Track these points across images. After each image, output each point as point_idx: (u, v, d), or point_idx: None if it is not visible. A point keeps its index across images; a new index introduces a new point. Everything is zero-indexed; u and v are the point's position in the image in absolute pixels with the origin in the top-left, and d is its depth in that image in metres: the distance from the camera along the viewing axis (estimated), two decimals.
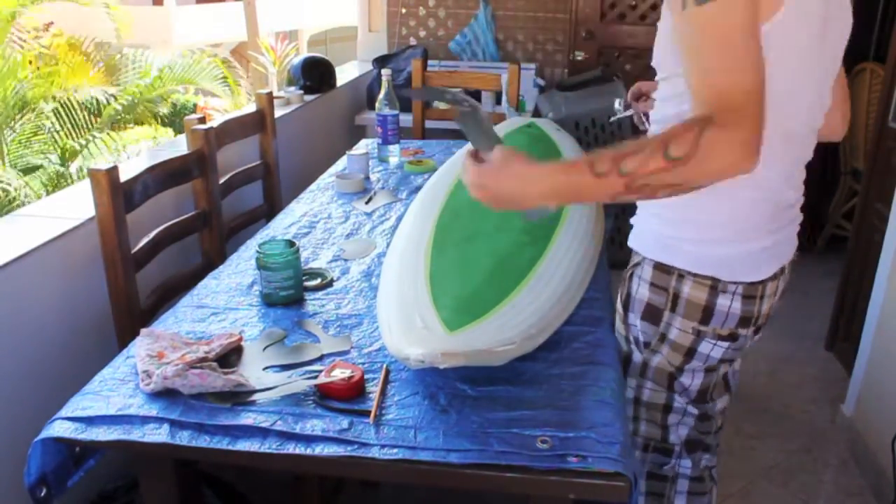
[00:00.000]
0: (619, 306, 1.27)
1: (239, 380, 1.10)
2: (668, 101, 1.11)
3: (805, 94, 1.07)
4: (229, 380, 1.09)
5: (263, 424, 1.03)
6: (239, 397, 1.09)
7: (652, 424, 1.27)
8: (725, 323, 1.16)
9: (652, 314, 1.20)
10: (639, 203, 1.20)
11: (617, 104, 1.60)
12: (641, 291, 1.20)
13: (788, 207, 1.16)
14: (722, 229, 1.12)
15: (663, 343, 1.20)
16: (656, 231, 1.17)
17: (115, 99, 6.80)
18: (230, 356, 1.20)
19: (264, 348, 1.24)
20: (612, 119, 1.66)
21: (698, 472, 1.31)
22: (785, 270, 1.20)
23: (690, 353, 1.19)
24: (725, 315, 1.15)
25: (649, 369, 1.24)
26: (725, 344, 1.19)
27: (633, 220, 1.23)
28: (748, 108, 0.88)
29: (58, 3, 7.12)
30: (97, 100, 6.51)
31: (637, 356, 1.25)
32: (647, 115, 1.40)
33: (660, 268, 1.17)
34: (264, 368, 1.18)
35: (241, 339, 1.24)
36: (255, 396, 1.09)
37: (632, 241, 1.23)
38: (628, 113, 1.53)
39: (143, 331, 1.24)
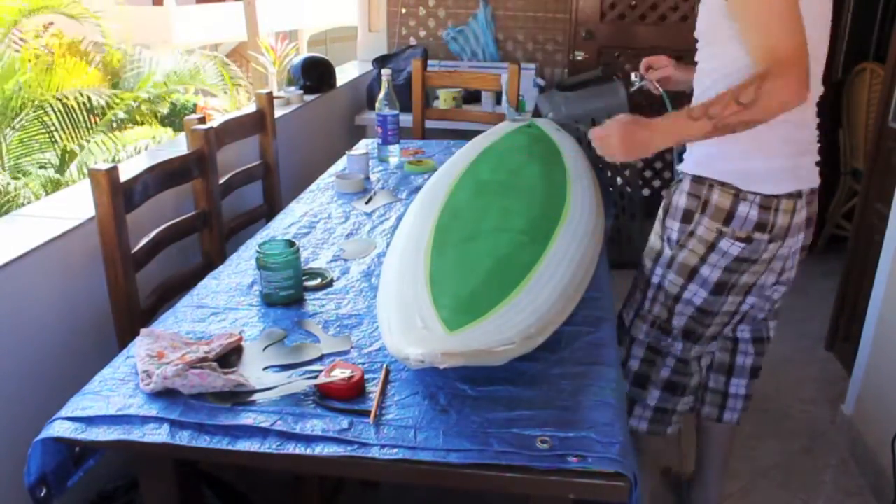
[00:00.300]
0: (659, 213, 1.57)
1: (239, 380, 1.10)
2: (707, 74, 1.44)
3: (820, 38, 1.36)
4: (229, 380, 1.09)
5: (263, 424, 1.03)
6: (239, 397, 1.09)
7: (663, 308, 1.59)
8: (743, 226, 1.43)
9: (686, 216, 1.49)
10: None
11: (633, 76, 1.89)
12: (681, 200, 1.50)
13: (804, 131, 1.44)
14: (744, 146, 1.39)
15: (691, 237, 1.49)
16: (697, 153, 1.47)
17: (116, 104, 6.79)
18: (230, 356, 1.20)
19: (264, 348, 1.24)
20: (632, 89, 1.93)
21: (687, 356, 1.64)
22: (803, 195, 1.46)
23: (711, 246, 1.47)
24: (744, 219, 1.43)
25: (675, 262, 1.53)
26: (741, 245, 1.45)
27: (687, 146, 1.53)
28: (797, 60, 1.22)
29: (53, 8, 7.11)
30: (89, 98, 6.49)
31: (667, 251, 1.54)
32: (659, 81, 1.80)
33: (696, 180, 1.48)
34: (264, 368, 1.18)
35: (240, 339, 1.24)
36: (255, 396, 1.09)
37: (679, 165, 1.54)
38: (644, 83, 1.84)
39: (143, 331, 1.24)
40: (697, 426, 1.86)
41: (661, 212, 1.58)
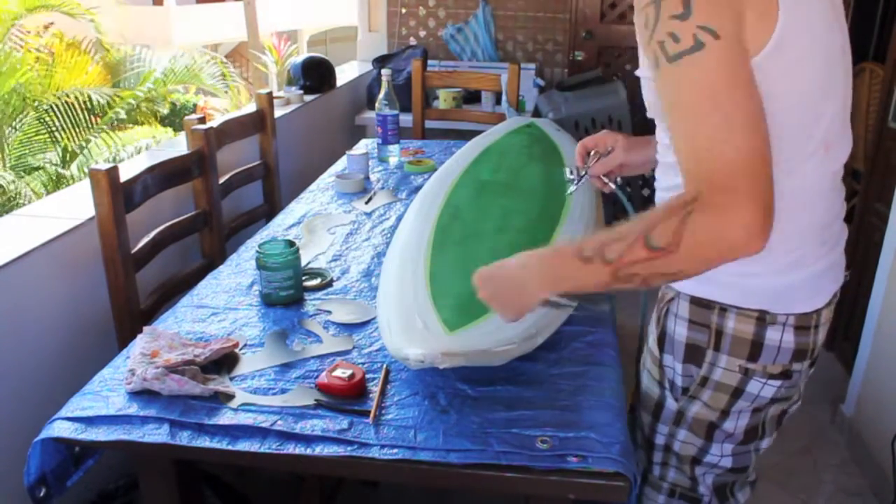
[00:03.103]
0: (652, 346, 1.12)
1: (218, 388, 1.10)
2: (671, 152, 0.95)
3: (837, 92, 0.95)
4: (207, 388, 1.09)
5: (263, 424, 1.03)
6: (238, 397, 1.09)
7: (681, 473, 1.15)
8: (777, 358, 1.02)
9: (694, 355, 1.05)
10: None
11: (568, 172, 1.33)
12: (679, 331, 1.05)
13: (836, 218, 1.03)
14: (771, 260, 0.95)
15: (705, 387, 1.05)
16: None
17: (116, 102, 6.80)
18: (223, 362, 1.19)
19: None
20: (570, 191, 1.33)
21: None
22: (837, 293, 1.07)
23: (737, 393, 1.04)
24: (777, 350, 1.01)
25: (686, 418, 1.09)
26: (777, 382, 1.03)
27: None
28: (740, 182, 0.77)
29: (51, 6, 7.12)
30: (89, 97, 6.50)
31: (671, 403, 1.10)
32: (608, 175, 1.31)
33: (697, 302, 1.02)
34: (256, 390, 1.18)
35: (236, 345, 1.23)
36: (254, 398, 1.09)
37: None
38: (584, 178, 1.32)
39: (146, 328, 1.24)
40: None
41: (652, 343, 1.12)
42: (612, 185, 1.32)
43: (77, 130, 6.41)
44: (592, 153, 1.32)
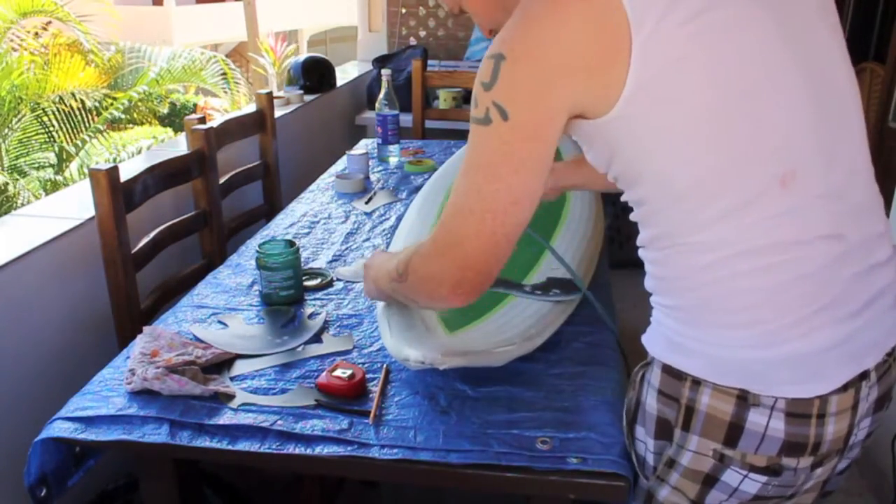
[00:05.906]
0: (626, 403, 0.98)
1: (218, 388, 1.10)
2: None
3: (788, 118, 0.80)
4: (207, 389, 1.09)
5: (263, 424, 1.03)
6: (239, 396, 1.09)
7: None
8: (760, 448, 0.82)
9: (661, 429, 0.91)
10: (652, 294, 0.93)
11: None
12: (650, 402, 0.91)
13: (871, 269, 0.84)
14: (735, 329, 0.81)
15: (672, 469, 0.89)
16: (668, 325, 0.88)
17: (111, 103, 6.80)
18: (223, 362, 1.19)
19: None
20: None
21: None
22: (870, 374, 0.84)
23: (709, 481, 0.86)
24: (760, 437, 0.82)
25: (655, 502, 0.93)
26: (761, 478, 0.84)
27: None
28: (456, 254, 0.88)
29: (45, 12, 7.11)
30: (82, 101, 6.50)
31: (642, 481, 0.96)
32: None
33: (668, 371, 0.88)
34: (254, 390, 1.18)
35: (236, 355, 1.22)
36: (254, 398, 1.09)
37: (644, 338, 0.95)
38: None
39: (146, 328, 1.24)
40: None
41: (626, 403, 0.99)
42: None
43: (74, 131, 6.40)
44: None
